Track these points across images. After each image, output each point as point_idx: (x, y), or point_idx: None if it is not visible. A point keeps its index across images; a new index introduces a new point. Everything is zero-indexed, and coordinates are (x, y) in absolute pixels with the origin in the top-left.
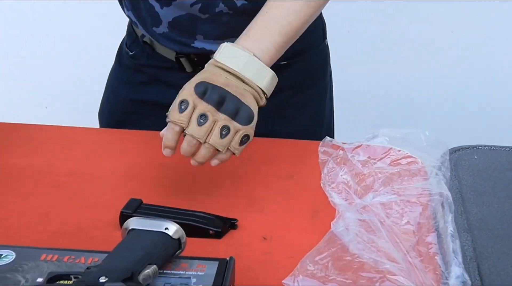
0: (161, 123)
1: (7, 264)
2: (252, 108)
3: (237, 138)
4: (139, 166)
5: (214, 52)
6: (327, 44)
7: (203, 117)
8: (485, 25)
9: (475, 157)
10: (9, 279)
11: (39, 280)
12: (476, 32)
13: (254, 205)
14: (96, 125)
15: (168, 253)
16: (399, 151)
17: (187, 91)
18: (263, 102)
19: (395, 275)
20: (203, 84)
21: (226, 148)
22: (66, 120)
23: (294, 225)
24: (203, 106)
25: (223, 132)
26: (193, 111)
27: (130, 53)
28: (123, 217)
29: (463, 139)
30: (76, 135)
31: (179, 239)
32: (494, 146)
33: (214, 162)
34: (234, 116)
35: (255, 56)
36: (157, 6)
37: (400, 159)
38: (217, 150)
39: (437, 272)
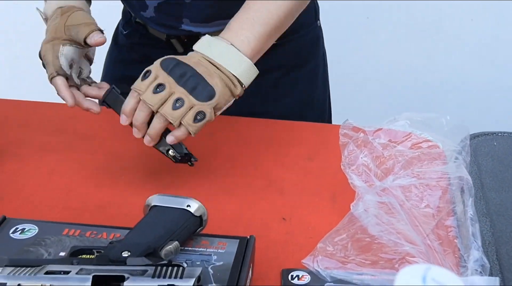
0: None
1: (29, 238)
2: (215, 88)
3: (191, 114)
4: None
5: (202, 34)
6: (320, 25)
7: (160, 86)
8: (505, 13)
9: (495, 143)
10: (32, 252)
11: (62, 254)
12: (495, 20)
13: (274, 186)
14: None
15: (189, 230)
16: (420, 135)
17: (154, 64)
18: (238, 91)
19: (414, 257)
20: (172, 60)
21: (178, 122)
22: None
23: (314, 206)
24: (163, 77)
25: (177, 105)
26: (153, 81)
27: (124, 32)
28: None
29: (483, 125)
30: (97, 115)
31: (200, 217)
32: None
33: (170, 138)
34: (192, 91)
35: (233, 45)
36: None
37: (420, 143)
38: (170, 123)
39: (456, 255)
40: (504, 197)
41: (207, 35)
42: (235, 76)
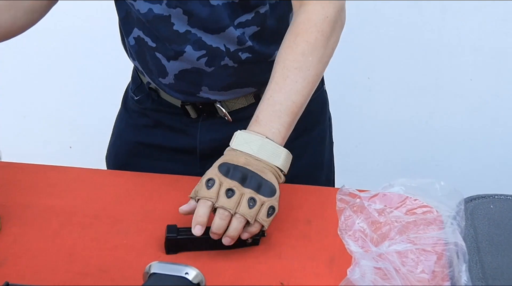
0: (166, 166)
1: None
2: (273, 183)
3: (264, 209)
4: (160, 208)
5: (218, 101)
6: (325, 89)
7: (230, 191)
8: (504, 73)
9: (491, 206)
10: None
11: None
12: (494, 80)
13: (272, 250)
14: None
15: None
16: (415, 200)
17: (212, 171)
18: (282, 179)
19: None
20: (226, 165)
21: (254, 219)
22: (90, 160)
23: (311, 271)
24: (229, 182)
25: (250, 204)
26: (220, 187)
27: (136, 98)
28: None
29: (480, 188)
30: (100, 178)
31: (198, 284)
32: (511, 196)
33: (245, 234)
34: (258, 190)
35: (267, 138)
36: (163, 59)
37: (415, 209)
38: (247, 221)
39: None
40: (500, 261)
41: (238, 131)
42: (278, 167)
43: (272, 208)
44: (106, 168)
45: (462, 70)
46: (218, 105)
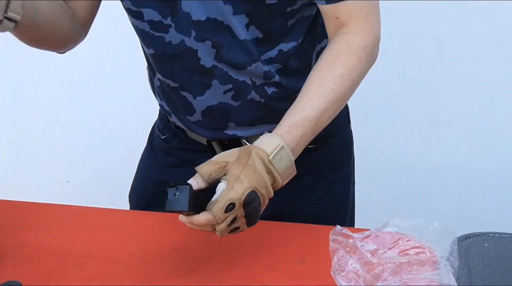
0: None
1: None
2: (261, 209)
3: (229, 227)
4: (156, 248)
5: (245, 138)
6: (351, 129)
7: (235, 221)
8: (500, 107)
9: (486, 244)
10: None
11: None
12: (490, 117)
13: None
14: (115, 201)
15: None
16: (408, 241)
17: (238, 196)
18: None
19: None
20: (253, 194)
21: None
22: (86, 195)
23: None
24: (240, 213)
25: (229, 207)
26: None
27: (162, 137)
28: None
29: (474, 225)
30: (96, 216)
31: None
32: (505, 234)
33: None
34: (247, 216)
35: (291, 156)
36: (189, 97)
37: (409, 249)
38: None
39: None
40: None
41: (271, 136)
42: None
43: (232, 205)
44: (118, 206)
45: (459, 104)
46: (244, 141)
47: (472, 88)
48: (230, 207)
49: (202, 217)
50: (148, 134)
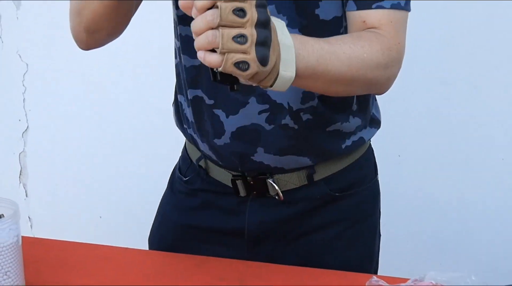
0: (212, 249)
1: None
2: (269, 62)
3: (239, 57)
4: None
5: (271, 168)
6: (378, 180)
7: (241, 12)
8: None
9: None
10: None
11: None
12: None
13: None
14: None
15: None
16: None
17: (250, 7)
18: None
19: None
20: (266, 12)
21: (224, 51)
22: (118, 231)
23: None
24: (250, 9)
25: (239, 40)
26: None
27: (184, 179)
28: None
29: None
30: (128, 256)
31: None
32: None
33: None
34: (257, 43)
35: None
36: (222, 115)
37: None
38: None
39: None
40: None
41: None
42: (276, 75)
43: (246, 64)
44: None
45: (494, 148)
46: (270, 181)
47: (508, 132)
48: (240, 14)
49: None
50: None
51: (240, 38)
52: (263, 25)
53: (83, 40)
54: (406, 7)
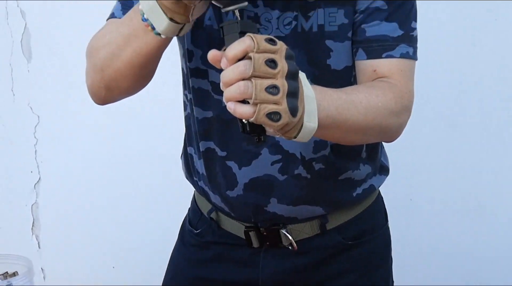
0: None
1: None
2: (299, 106)
3: (272, 107)
4: None
5: (284, 219)
6: (389, 227)
7: (273, 63)
8: None
9: None
10: None
11: None
12: None
13: None
14: None
15: None
16: None
17: (282, 44)
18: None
19: None
20: (295, 65)
21: (257, 102)
22: (131, 283)
23: None
24: (281, 60)
25: (271, 90)
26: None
27: (195, 231)
28: None
29: None
30: None
31: None
32: None
33: (230, 104)
34: (288, 95)
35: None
36: (235, 167)
37: None
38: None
39: None
40: None
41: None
42: (301, 126)
43: (278, 115)
44: None
45: (505, 193)
46: (283, 232)
47: None
48: (271, 41)
49: (238, 42)
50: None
51: (273, 89)
52: (293, 76)
53: (101, 96)
54: (414, 56)
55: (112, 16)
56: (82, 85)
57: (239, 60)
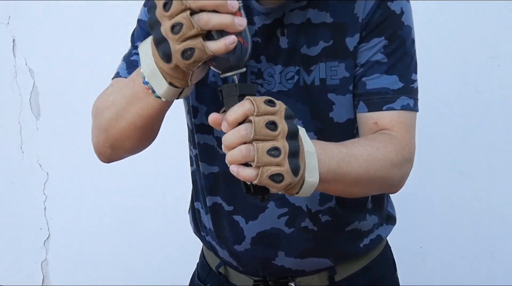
0: None
1: None
2: (301, 166)
3: (274, 169)
4: None
5: (292, 271)
6: (398, 276)
7: (273, 125)
8: None
9: None
10: None
11: None
12: None
13: None
14: None
15: None
16: None
17: (281, 104)
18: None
19: None
20: (294, 125)
21: (259, 165)
22: None
23: None
24: (281, 120)
25: (273, 153)
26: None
27: None
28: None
29: None
30: None
31: None
32: None
33: (233, 167)
34: (290, 155)
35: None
36: (242, 221)
37: None
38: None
39: None
40: None
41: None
42: (302, 183)
43: (280, 176)
44: None
45: None
46: (292, 285)
47: None
48: (270, 103)
49: (238, 105)
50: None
51: (274, 151)
52: (293, 136)
53: (106, 155)
54: (414, 108)
55: (117, 75)
56: (89, 142)
57: (240, 123)
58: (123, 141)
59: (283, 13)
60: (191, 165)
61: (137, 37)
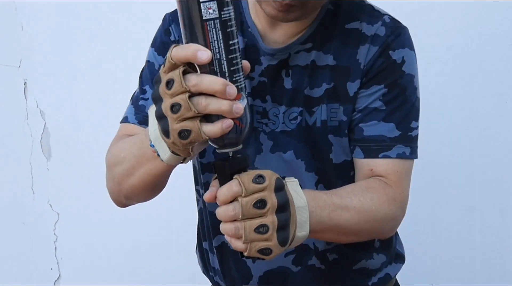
0: None
1: None
2: (290, 236)
3: (262, 245)
4: None
5: None
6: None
7: (261, 203)
8: None
9: None
10: None
11: None
12: None
13: None
14: None
15: None
16: None
17: (269, 174)
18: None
19: None
20: (285, 195)
21: (248, 242)
22: None
23: None
24: (270, 196)
25: (260, 230)
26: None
27: None
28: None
29: None
30: None
31: None
32: None
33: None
34: (278, 230)
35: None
36: (249, 261)
37: None
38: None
39: None
40: None
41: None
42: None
43: (268, 250)
44: None
45: None
46: None
47: None
48: (259, 179)
49: (226, 186)
50: None
51: (262, 228)
52: (283, 208)
53: (121, 203)
54: (411, 156)
55: (126, 120)
56: (99, 183)
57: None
58: (135, 194)
59: (289, 54)
60: (198, 204)
61: (145, 79)
